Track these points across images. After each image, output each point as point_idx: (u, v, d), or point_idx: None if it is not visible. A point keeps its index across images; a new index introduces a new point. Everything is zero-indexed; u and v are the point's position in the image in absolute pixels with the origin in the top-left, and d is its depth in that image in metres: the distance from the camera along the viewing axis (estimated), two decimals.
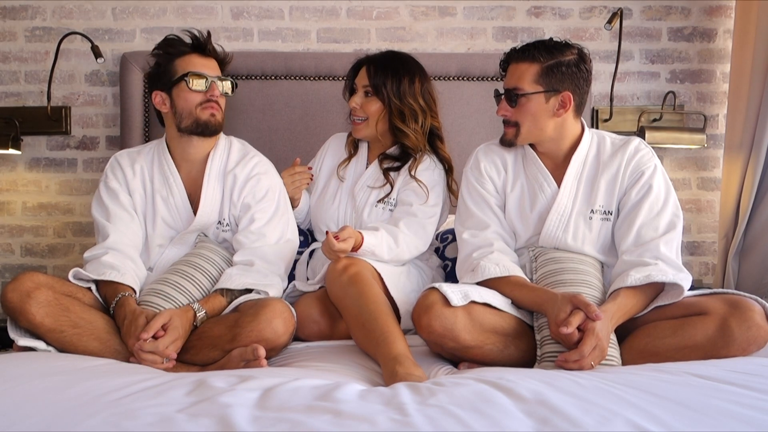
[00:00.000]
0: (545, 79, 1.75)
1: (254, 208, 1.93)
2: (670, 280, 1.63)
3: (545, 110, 1.77)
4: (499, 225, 1.85)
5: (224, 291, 1.78)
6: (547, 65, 1.74)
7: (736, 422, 1.03)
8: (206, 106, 1.89)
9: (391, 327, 1.63)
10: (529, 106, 1.76)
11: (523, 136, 1.80)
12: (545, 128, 1.79)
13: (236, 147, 2.02)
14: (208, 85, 1.89)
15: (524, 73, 1.76)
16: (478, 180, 1.89)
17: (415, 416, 1.03)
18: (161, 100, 1.93)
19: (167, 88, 1.91)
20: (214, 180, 1.95)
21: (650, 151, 1.82)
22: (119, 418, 1.03)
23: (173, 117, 1.92)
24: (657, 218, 1.73)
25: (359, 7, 2.66)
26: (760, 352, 1.56)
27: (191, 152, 1.96)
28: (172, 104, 1.91)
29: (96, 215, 1.92)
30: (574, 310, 1.53)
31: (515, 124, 1.80)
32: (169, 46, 1.93)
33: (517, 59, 1.78)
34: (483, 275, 1.70)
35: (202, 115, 1.89)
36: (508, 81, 1.80)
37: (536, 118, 1.77)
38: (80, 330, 1.62)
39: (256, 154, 2.03)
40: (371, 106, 2.04)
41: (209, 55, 1.94)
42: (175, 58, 1.91)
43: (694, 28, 2.71)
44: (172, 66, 1.90)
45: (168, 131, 1.98)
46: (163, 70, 1.92)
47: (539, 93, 1.75)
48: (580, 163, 1.82)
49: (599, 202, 1.79)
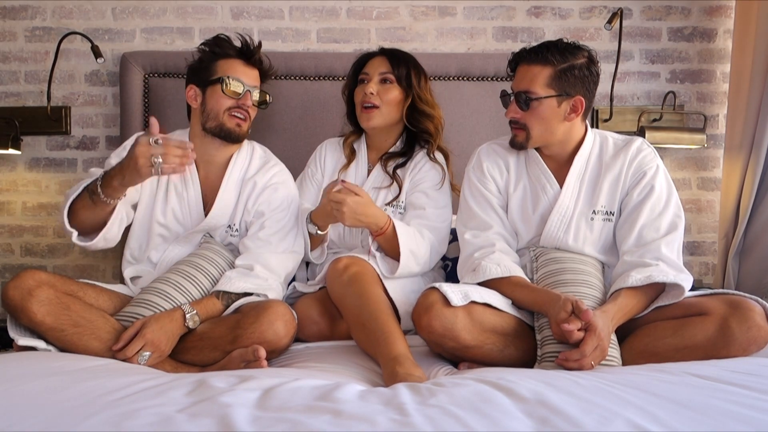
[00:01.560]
0: (558, 83, 1.72)
1: (267, 215, 1.92)
2: (671, 281, 1.63)
3: (556, 114, 1.75)
4: (501, 225, 1.85)
5: (221, 294, 1.78)
6: (560, 68, 1.71)
7: (736, 422, 1.03)
8: (234, 113, 1.89)
9: (391, 327, 1.63)
10: (540, 110, 1.74)
11: (533, 139, 1.79)
12: (555, 132, 1.78)
13: (258, 154, 2.02)
14: (243, 93, 1.89)
15: (537, 75, 1.72)
16: (480, 180, 1.88)
17: (415, 416, 1.03)
18: (194, 94, 1.93)
19: (203, 85, 1.91)
20: (232, 185, 1.95)
21: (653, 151, 1.82)
22: (119, 418, 1.03)
23: (200, 114, 1.92)
24: (659, 219, 1.73)
25: (359, 7, 2.66)
26: (760, 352, 1.57)
27: (212, 154, 1.95)
28: (203, 102, 1.91)
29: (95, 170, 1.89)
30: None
31: (524, 127, 1.77)
32: (216, 45, 1.93)
33: (529, 61, 1.74)
34: (484, 275, 1.70)
35: (228, 121, 1.89)
36: (519, 83, 1.76)
37: (547, 122, 1.75)
38: (81, 329, 1.62)
39: (277, 163, 2.03)
40: (389, 94, 2.03)
41: (254, 64, 1.94)
42: (219, 58, 1.91)
43: (694, 28, 2.71)
44: (214, 65, 1.90)
45: (193, 127, 1.97)
46: (204, 66, 1.92)
47: (552, 97, 1.72)
48: (583, 163, 1.81)
49: (601, 202, 1.79)
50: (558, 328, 1.53)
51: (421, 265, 1.93)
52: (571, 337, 1.50)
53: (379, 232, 1.89)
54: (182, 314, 1.68)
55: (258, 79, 1.95)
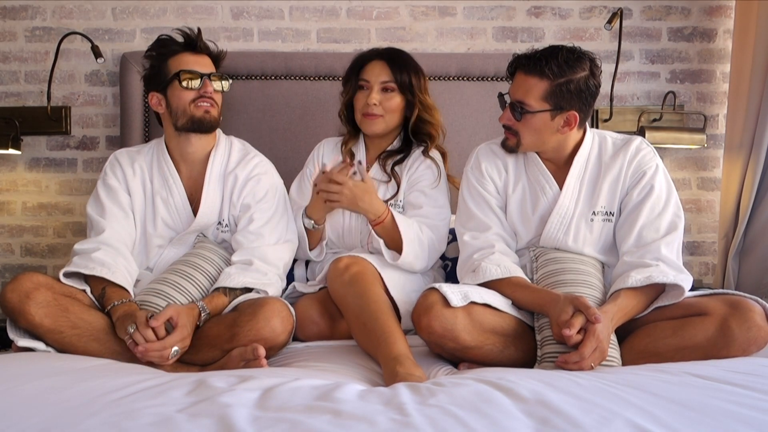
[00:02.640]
0: (553, 98, 1.69)
1: (254, 208, 1.92)
2: (671, 281, 1.63)
3: (549, 127, 1.74)
4: (500, 226, 1.84)
5: (226, 290, 1.78)
6: (557, 83, 1.68)
7: (736, 422, 1.03)
8: (200, 103, 1.88)
9: (392, 327, 1.63)
10: (533, 122, 1.73)
11: (524, 147, 1.79)
12: (547, 142, 1.78)
13: (237, 147, 2.02)
14: (201, 83, 1.88)
15: (532, 88, 1.70)
16: (479, 181, 1.87)
17: (415, 416, 1.03)
18: (157, 101, 1.93)
19: (162, 89, 1.91)
20: (214, 181, 1.95)
21: (652, 150, 1.81)
22: (119, 418, 1.03)
23: (169, 117, 1.92)
24: (658, 219, 1.73)
25: (359, 7, 2.66)
26: (760, 352, 1.56)
27: (190, 151, 1.95)
28: (168, 104, 1.91)
29: (90, 212, 1.90)
30: (575, 312, 1.53)
31: (516, 134, 1.77)
32: (161, 47, 1.92)
33: (527, 71, 1.70)
34: (484, 276, 1.70)
35: (196, 111, 1.88)
36: (515, 92, 1.75)
37: (539, 133, 1.75)
38: (79, 331, 1.62)
39: (256, 155, 2.03)
40: (392, 103, 2.03)
41: (201, 52, 1.92)
42: (168, 58, 1.90)
43: (694, 28, 2.71)
44: (165, 66, 1.90)
45: (166, 131, 1.98)
46: (157, 71, 1.91)
47: (545, 111, 1.71)
48: (582, 164, 1.81)
49: (601, 203, 1.79)
50: (558, 329, 1.53)
51: (421, 258, 1.93)
52: (570, 340, 1.50)
53: (377, 221, 1.92)
54: (199, 312, 1.69)
55: (212, 65, 1.94)
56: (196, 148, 1.95)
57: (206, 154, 1.96)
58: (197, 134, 1.92)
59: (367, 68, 2.05)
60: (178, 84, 1.87)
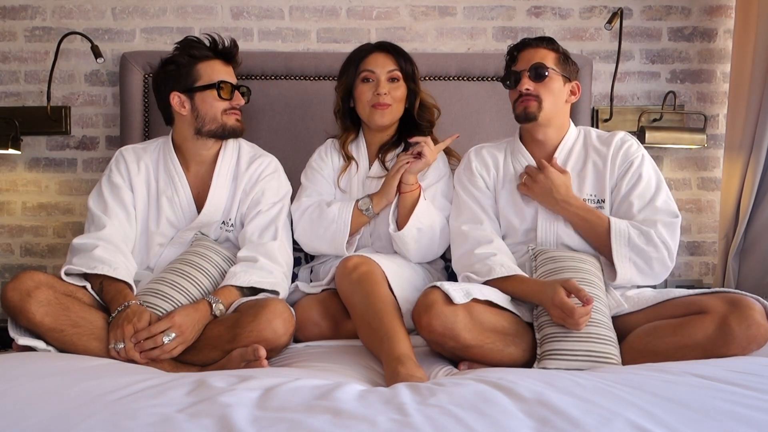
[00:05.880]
0: (562, 66, 1.88)
1: (262, 206, 1.95)
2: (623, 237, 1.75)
3: (562, 93, 1.88)
4: (492, 221, 1.91)
5: (234, 287, 1.78)
6: (562, 53, 1.90)
7: (736, 422, 1.03)
8: (231, 113, 1.93)
9: (396, 327, 1.63)
10: (552, 84, 1.85)
11: (545, 111, 1.86)
12: (561, 110, 1.89)
13: (245, 149, 2.04)
14: (233, 94, 1.93)
15: (546, 55, 1.86)
16: (470, 179, 1.96)
17: (415, 416, 1.03)
18: (180, 102, 1.92)
19: (188, 91, 1.91)
20: (223, 179, 1.96)
21: (636, 141, 1.92)
22: (119, 418, 1.03)
23: (193, 120, 1.92)
24: (652, 203, 1.81)
25: (359, 7, 2.66)
26: (760, 351, 1.56)
27: (204, 153, 1.97)
28: (194, 108, 1.91)
29: (92, 206, 1.91)
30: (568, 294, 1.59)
31: (537, 98, 1.85)
32: (192, 48, 1.92)
33: (536, 45, 1.88)
34: (489, 275, 1.72)
35: (228, 120, 1.93)
36: (531, 59, 1.86)
37: (556, 97, 1.87)
38: (80, 329, 1.62)
39: (266, 154, 2.06)
40: (399, 92, 2.06)
41: (231, 63, 1.96)
42: (198, 62, 1.91)
43: (694, 28, 2.71)
44: (194, 69, 1.90)
45: (181, 132, 1.97)
46: (184, 72, 1.91)
47: (561, 75, 1.87)
48: (567, 152, 1.91)
49: (587, 190, 1.87)
50: (556, 310, 1.57)
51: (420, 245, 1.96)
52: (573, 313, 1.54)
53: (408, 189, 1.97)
54: (208, 304, 1.70)
55: (234, 75, 1.98)
56: (210, 150, 1.98)
57: (215, 153, 1.99)
58: (218, 139, 1.95)
59: (370, 60, 2.07)
60: (217, 94, 1.89)
